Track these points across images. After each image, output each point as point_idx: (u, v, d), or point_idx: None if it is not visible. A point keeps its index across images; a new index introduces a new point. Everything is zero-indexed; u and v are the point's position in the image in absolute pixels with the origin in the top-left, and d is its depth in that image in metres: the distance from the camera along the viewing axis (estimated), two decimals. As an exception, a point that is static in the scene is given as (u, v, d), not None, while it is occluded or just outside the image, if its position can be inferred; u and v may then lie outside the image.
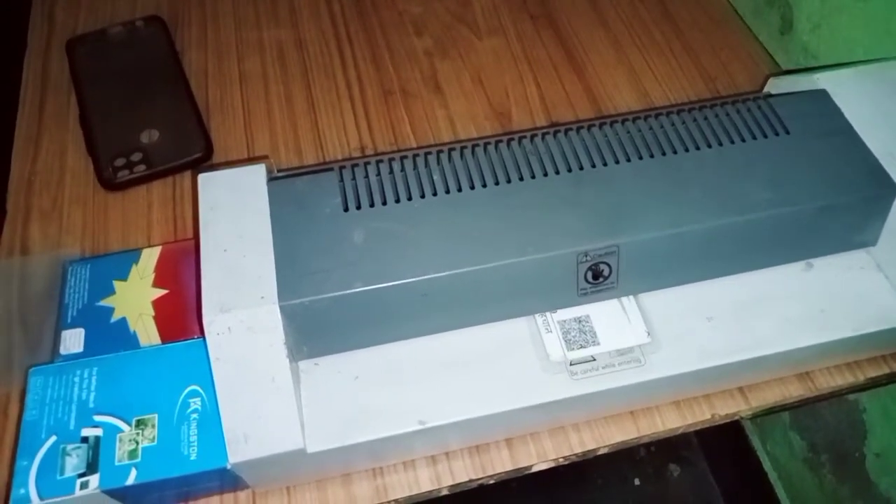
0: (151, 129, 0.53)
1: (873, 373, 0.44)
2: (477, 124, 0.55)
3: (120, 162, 0.51)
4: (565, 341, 0.38)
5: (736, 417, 0.43)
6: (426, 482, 0.39)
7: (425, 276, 0.35)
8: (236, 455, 0.33)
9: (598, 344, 0.38)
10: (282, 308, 0.34)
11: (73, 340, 0.40)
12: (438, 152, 0.40)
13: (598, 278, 0.38)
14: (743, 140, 0.41)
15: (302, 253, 0.36)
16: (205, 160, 0.52)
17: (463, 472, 0.39)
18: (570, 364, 0.38)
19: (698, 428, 0.42)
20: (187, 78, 0.56)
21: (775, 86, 0.48)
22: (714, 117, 0.42)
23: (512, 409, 0.37)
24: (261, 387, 0.34)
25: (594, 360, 0.38)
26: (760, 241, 0.39)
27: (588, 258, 0.37)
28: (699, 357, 0.38)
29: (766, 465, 0.82)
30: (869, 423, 0.62)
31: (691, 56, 0.59)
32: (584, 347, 0.38)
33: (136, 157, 0.52)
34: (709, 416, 0.42)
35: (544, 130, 0.41)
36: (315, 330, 0.36)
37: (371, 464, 0.39)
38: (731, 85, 0.57)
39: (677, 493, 0.99)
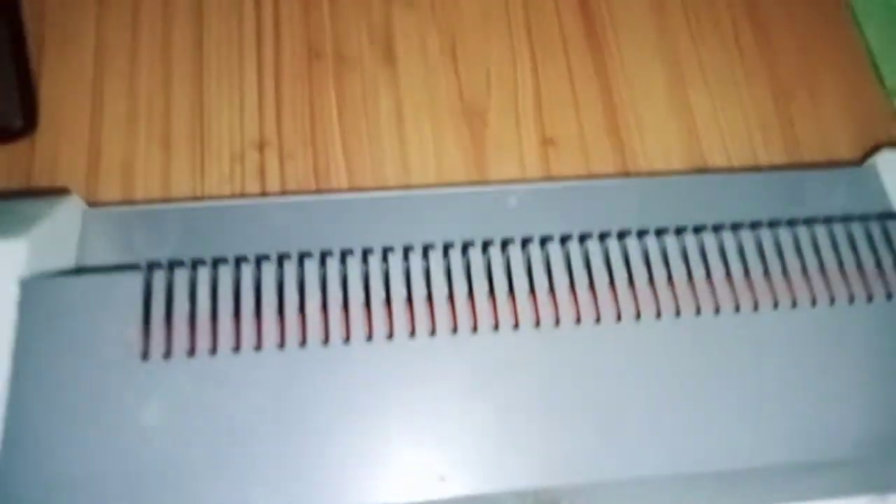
0: (-48, 70, 0.35)
1: None
2: (436, 126, 0.37)
3: None
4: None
5: None
6: None
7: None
8: None
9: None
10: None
11: None
12: (324, 256, 0.24)
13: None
14: (831, 301, 0.25)
15: (50, 431, 0.21)
16: (23, 134, 0.35)
17: None
18: None
19: None
20: (17, -7, 0.37)
21: (888, 165, 0.31)
22: (790, 241, 0.25)
23: None
24: None
25: None
26: (821, 473, 0.25)
27: None
28: None
29: None
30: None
31: (764, 55, 0.41)
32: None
33: (-78, 114, 0.34)
34: None
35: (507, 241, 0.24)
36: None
37: None
38: (816, 122, 0.39)
39: None
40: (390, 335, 0.23)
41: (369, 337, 0.23)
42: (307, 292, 0.23)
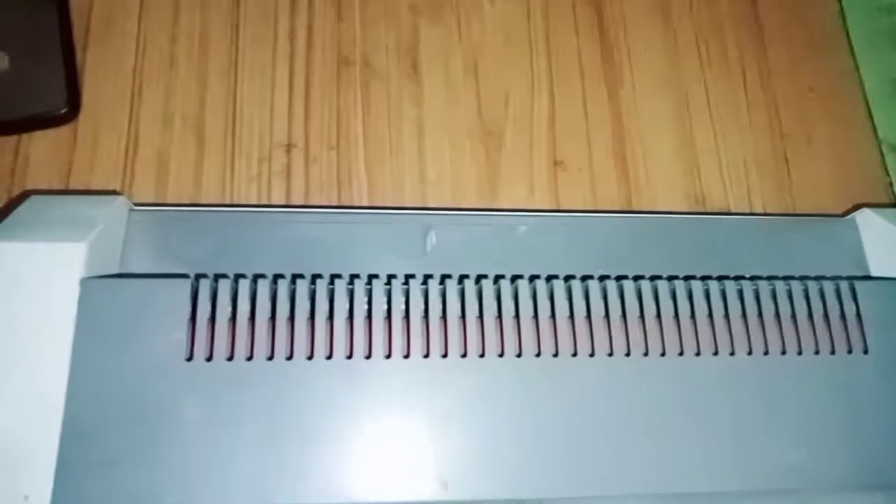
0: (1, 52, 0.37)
1: None
2: (453, 142, 0.40)
3: (-55, 97, 0.36)
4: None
5: None
6: None
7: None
8: None
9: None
10: (49, 528, 0.23)
11: None
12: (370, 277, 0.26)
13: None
14: (799, 352, 0.28)
15: (105, 428, 0.24)
16: (66, 119, 0.37)
17: None
18: None
19: None
20: (65, -20, 0.39)
21: (866, 223, 0.33)
22: (767, 294, 0.28)
23: None
24: None
25: None
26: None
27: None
28: None
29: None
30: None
31: (767, 94, 0.43)
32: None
33: (-31, 93, 0.36)
34: None
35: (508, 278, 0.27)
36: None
37: None
38: (809, 164, 0.42)
39: None
40: (407, 354, 0.26)
41: (388, 355, 0.26)
42: (335, 309, 0.26)
